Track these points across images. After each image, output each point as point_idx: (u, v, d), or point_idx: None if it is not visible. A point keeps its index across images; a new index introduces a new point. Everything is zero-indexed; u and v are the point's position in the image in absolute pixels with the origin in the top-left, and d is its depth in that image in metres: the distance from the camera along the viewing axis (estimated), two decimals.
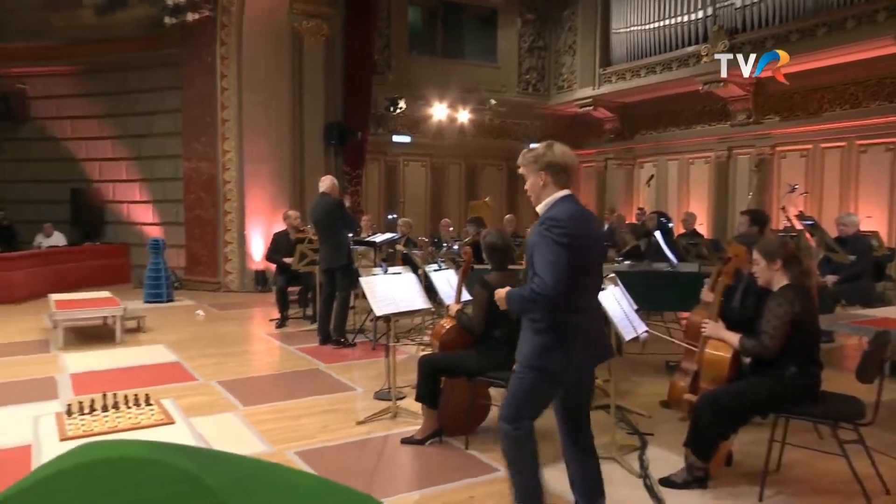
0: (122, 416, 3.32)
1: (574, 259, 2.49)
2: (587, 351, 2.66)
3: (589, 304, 2.71)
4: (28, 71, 11.91)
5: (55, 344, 6.78)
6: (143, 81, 11.39)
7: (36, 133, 12.26)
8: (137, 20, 10.91)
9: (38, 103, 12.14)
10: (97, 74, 11.63)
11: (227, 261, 10.92)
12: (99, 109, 11.88)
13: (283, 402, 4.92)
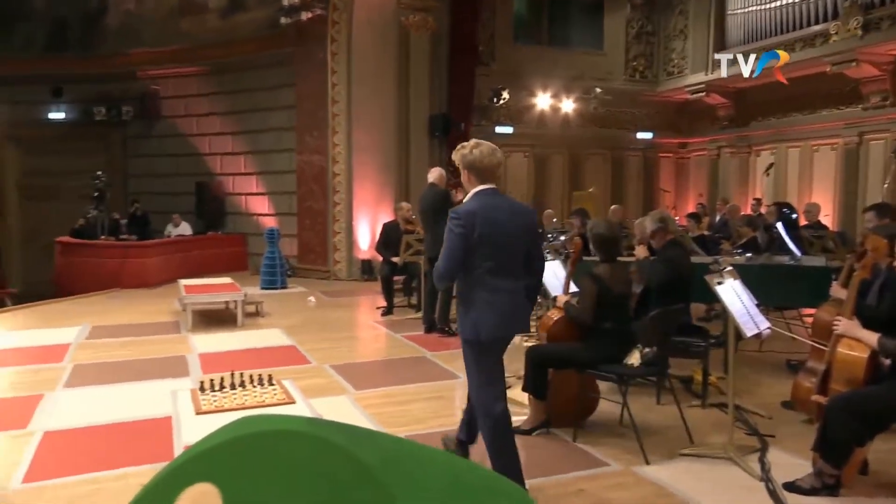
0: (248, 394, 3.56)
1: (471, 246, 2.88)
2: (501, 324, 2.96)
3: (499, 285, 2.94)
4: (161, 73, 12.88)
5: (185, 326, 7.30)
6: (261, 79, 12.01)
7: (167, 130, 13.24)
8: (256, 21, 11.51)
9: (168, 102, 13.11)
10: (220, 74, 12.39)
11: (335, 250, 11.34)
12: (221, 107, 12.65)
13: (391, 388, 5.06)
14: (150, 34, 12.66)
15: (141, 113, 13.04)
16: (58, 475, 3.42)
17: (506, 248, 2.96)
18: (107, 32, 13.03)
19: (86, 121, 13.08)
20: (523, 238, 3.03)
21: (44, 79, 13.01)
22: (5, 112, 13.27)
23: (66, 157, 13.49)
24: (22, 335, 7.06)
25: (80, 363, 5.75)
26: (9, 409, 4.53)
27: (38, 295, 10.50)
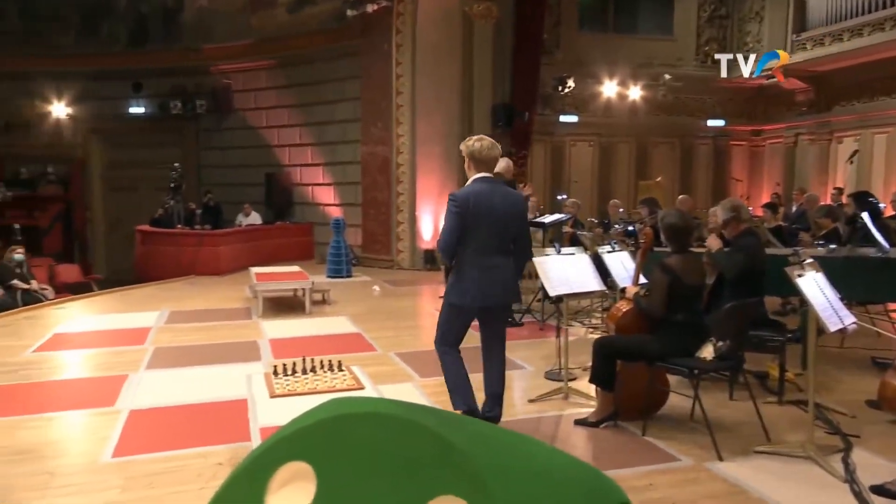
0: (319, 379, 3.65)
1: (464, 225, 3.39)
2: (479, 296, 3.45)
3: (484, 262, 3.45)
4: (232, 67, 13.30)
5: (256, 312, 7.54)
6: (327, 72, 12.23)
7: (238, 123, 13.67)
8: (323, 15, 11.72)
9: (239, 96, 13.53)
10: (288, 67, 12.70)
11: (399, 240, 11.47)
12: (289, 100, 12.96)
13: None
14: (222, 30, 13.08)
15: (213, 106, 13.50)
16: (143, 451, 3.60)
17: (494, 227, 3.44)
18: (182, 28, 13.55)
19: (163, 115, 13.66)
20: (511, 220, 3.50)
21: (125, 74, 13.66)
22: (91, 107, 14.00)
23: (145, 149, 14.15)
24: (106, 319, 7.45)
25: (160, 346, 6.03)
26: (97, 387, 4.80)
27: (120, 280, 11.08)
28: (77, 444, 3.77)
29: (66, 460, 3.52)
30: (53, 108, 13.80)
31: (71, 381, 5.21)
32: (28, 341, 6.22)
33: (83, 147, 14.45)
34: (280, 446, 0.90)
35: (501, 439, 0.87)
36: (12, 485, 3.21)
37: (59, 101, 13.79)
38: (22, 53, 13.49)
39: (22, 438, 3.81)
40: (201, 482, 3.23)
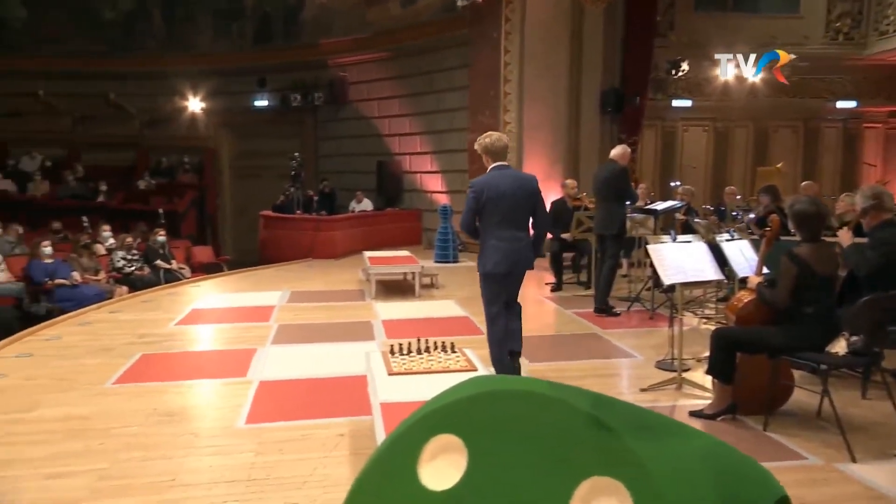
0: (434, 360, 3.71)
1: (482, 207, 4.01)
2: (501, 262, 4.03)
3: (503, 234, 4.02)
4: (348, 60, 13.73)
5: (369, 294, 7.79)
6: (437, 62, 12.34)
7: (352, 114, 14.11)
8: (434, 6, 11.81)
9: (354, 88, 13.95)
10: (399, 59, 12.93)
11: None
12: (400, 90, 13.20)
13: (564, 362, 5.03)
14: (339, 25, 13.52)
15: (330, 98, 14.01)
16: (272, 419, 3.83)
17: (507, 207, 4.01)
18: (303, 25, 14.13)
19: (284, 107, 14.33)
20: (522, 200, 4.06)
21: (251, 71, 14.45)
22: (221, 102, 14.94)
23: (268, 140, 14.92)
24: (236, 297, 7.95)
25: (283, 323, 6.37)
26: (230, 359, 5.15)
27: (246, 262, 11.78)
28: (215, 410, 4.06)
29: (207, 424, 3.81)
30: (189, 104, 14.84)
31: (207, 352, 5.63)
32: (171, 315, 6.76)
33: (214, 138, 15.45)
34: (432, 418, 0.92)
35: (662, 426, 0.84)
36: (164, 442, 3.52)
37: (195, 97, 14.80)
38: (164, 55, 14.60)
39: (169, 402, 4.16)
40: (325, 451, 3.39)
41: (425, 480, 0.88)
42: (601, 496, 0.75)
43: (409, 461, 0.90)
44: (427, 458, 0.90)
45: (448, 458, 0.88)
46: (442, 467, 0.88)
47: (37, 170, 14.04)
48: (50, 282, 7.44)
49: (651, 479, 0.71)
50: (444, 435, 0.90)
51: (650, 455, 0.72)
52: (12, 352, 5.24)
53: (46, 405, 4.02)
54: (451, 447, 0.89)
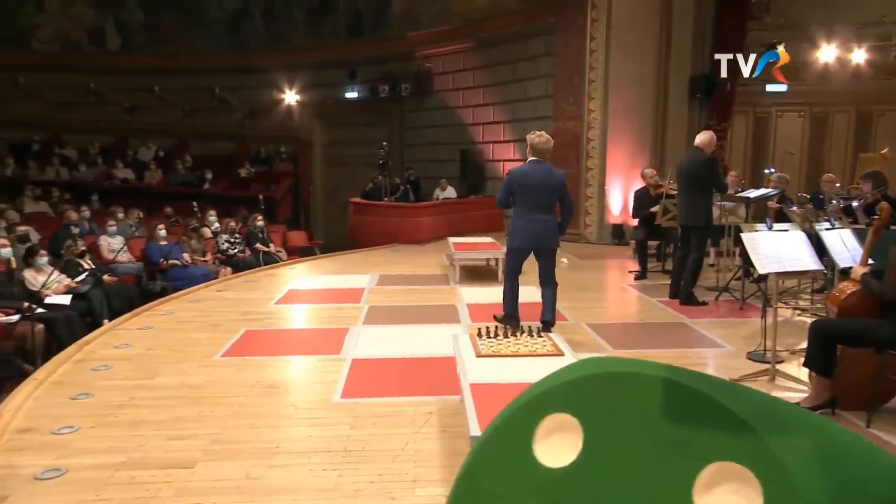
0: (521, 344, 3.70)
1: (514, 191, 4.87)
2: (526, 240, 4.95)
3: (529, 216, 4.88)
4: (433, 52, 13.81)
5: (453, 278, 7.84)
6: (522, 51, 12.19)
7: (436, 104, 14.19)
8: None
9: (439, 78, 14.02)
10: (485, 49, 12.88)
11: (586, 214, 11.22)
12: (484, 79, 13.16)
13: (650, 350, 4.88)
14: (426, 17, 13.60)
15: (416, 89, 14.14)
16: (365, 395, 3.94)
17: (534, 194, 4.84)
18: (392, 19, 14.32)
19: (372, 98, 14.60)
20: (549, 190, 4.87)
21: (343, 64, 14.80)
22: (316, 93, 15.40)
23: (356, 129, 15.29)
24: (328, 279, 8.21)
25: (373, 305, 6.52)
26: (325, 338, 5.34)
27: (336, 246, 12.13)
28: (312, 384, 4.23)
29: (305, 397, 3.97)
30: (286, 96, 15.38)
31: (304, 330, 5.86)
32: (270, 295, 7.07)
33: (308, 129, 15.96)
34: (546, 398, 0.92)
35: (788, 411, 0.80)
36: (268, 412, 3.70)
37: (291, 90, 15.33)
38: (264, 51, 15.19)
39: (271, 375, 4.37)
40: (415, 427, 3.46)
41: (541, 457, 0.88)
42: (727, 482, 0.72)
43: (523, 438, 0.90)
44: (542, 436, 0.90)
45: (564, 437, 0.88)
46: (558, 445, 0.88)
47: (151, 159, 15.00)
48: (164, 262, 7.95)
49: (781, 465, 0.68)
50: (558, 414, 0.90)
51: (789, 451, 0.68)
52: (135, 324, 5.65)
53: (165, 374, 4.32)
54: (566, 426, 0.88)
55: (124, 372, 4.35)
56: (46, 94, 15.55)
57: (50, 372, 4.27)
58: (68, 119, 15.79)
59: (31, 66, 15.35)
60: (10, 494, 2.74)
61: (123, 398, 3.84)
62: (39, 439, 3.28)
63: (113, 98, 15.87)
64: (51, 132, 15.63)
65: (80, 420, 3.50)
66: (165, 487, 2.80)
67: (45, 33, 15.51)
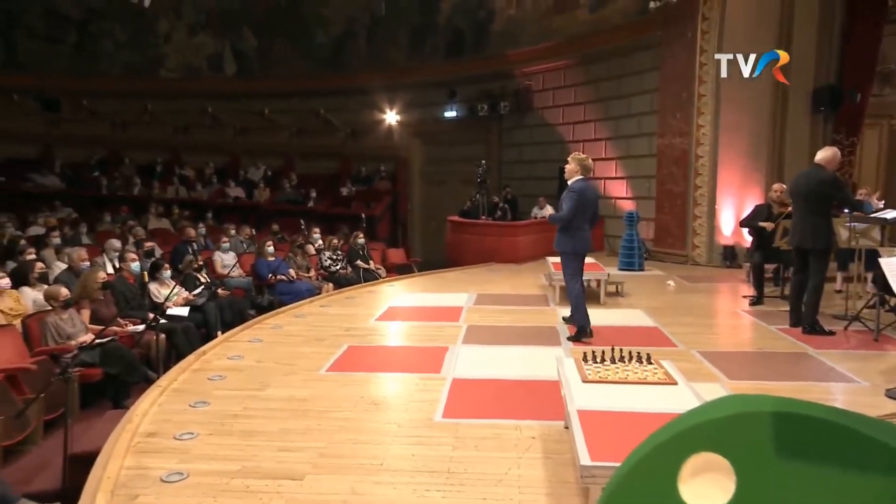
0: (629, 370, 3.59)
1: (576, 206, 5.64)
2: (581, 244, 5.83)
3: (583, 226, 5.81)
4: (534, 69, 13.84)
5: (552, 299, 7.74)
6: (625, 66, 11.97)
7: (536, 121, 14.18)
8: (624, 10, 11.49)
9: (539, 95, 14.01)
10: (587, 65, 12.76)
11: (695, 234, 10.76)
12: (586, 96, 13.01)
13: (771, 382, 4.59)
14: (527, 35, 13.68)
15: (515, 107, 14.19)
16: (466, 416, 3.95)
17: (588, 208, 5.79)
18: (492, 37, 14.50)
19: (471, 117, 14.79)
20: (595, 205, 5.92)
21: (442, 83, 15.13)
22: (415, 113, 15.83)
23: (454, 148, 15.54)
24: (426, 297, 8.34)
25: (471, 324, 6.55)
26: (425, 356, 5.41)
27: (434, 264, 12.32)
28: (414, 403, 4.28)
29: (407, 415, 4.03)
30: (386, 116, 15.90)
31: (404, 347, 5.97)
32: (371, 311, 7.27)
33: (407, 147, 16.40)
34: (693, 434, 0.88)
35: None
36: (372, 428, 3.79)
37: (391, 110, 15.83)
38: (366, 71, 15.82)
39: (374, 391, 4.48)
40: (518, 451, 3.43)
41: (689, 499, 0.84)
42: None
43: (668, 477, 0.87)
44: (688, 476, 0.87)
45: (713, 478, 0.84)
46: (707, 486, 0.84)
47: (261, 178, 15.94)
48: (272, 277, 8.39)
49: None
50: (706, 453, 0.86)
51: None
52: (246, 336, 5.99)
53: (274, 385, 4.53)
54: (716, 466, 0.84)
55: (237, 382, 4.61)
56: (169, 119, 16.95)
57: (172, 380, 4.60)
58: (187, 141, 17.12)
59: (158, 92, 16.81)
60: (139, 494, 2.97)
61: (237, 408, 4.06)
62: (164, 443, 3.53)
63: (227, 120, 17.05)
64: (172, 153, 17.00)
65: (199, 427, 3.74)
66: (277, 498, 2.93)
67: (171, 62, 16.96)
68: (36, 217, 11.42)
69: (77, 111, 16.65)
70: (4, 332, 5.01)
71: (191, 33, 16.75)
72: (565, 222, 5.71)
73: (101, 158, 16.65)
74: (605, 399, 3.22)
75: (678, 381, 3.45)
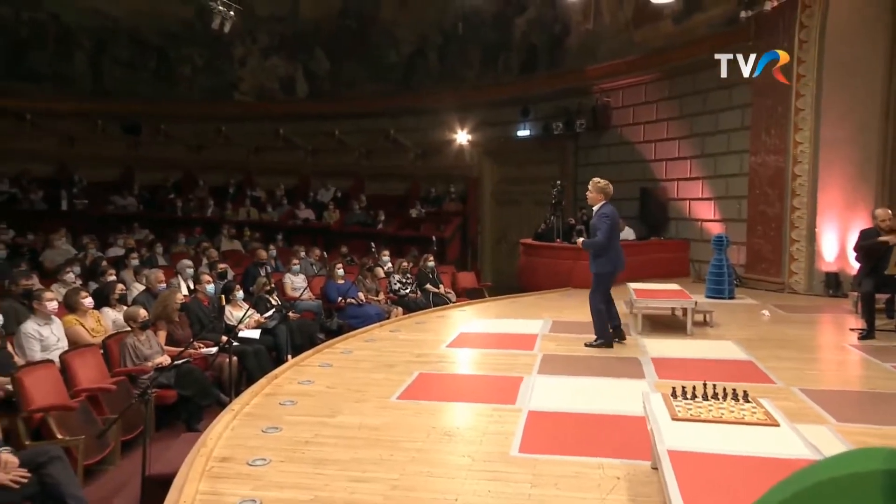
0: (724, 408, 3.43)
1: (610, 229, 6.40)
2: (620, 263, 6.59)
3: (616, 247, 6.55)
4: (612, 85, 13.67)
5: (634, 328, 7.52)
6: (712, 80, 11.62)
7: (614, 139, 13.97)
8: (711, 20, 11.22)
9: (617, 112, 13.82)
10: (670, 79, 12.51)
11: (792, 260, 10.27)
12: (669, 112, 12.73)
13: (888, 427, 4.28)
14: (605, 49, 13.56)
15: (592, 124, 14.03)
16: (545, 451, 3.88)
17: (617, 229, 6.64)
18: (568, 53, 14.45)
19: (545, 135, 14.73)
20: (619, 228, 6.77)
21: (515, 101, 15.17)
22: (486, 132, 15.93)
23: (528, 167, 15.52)
24: (498, 323, 8.29)
25: (547, 353, 6.45)
26: (499, 385, 5.36)
27: (505, 288, 12.25)
28: (488, 435, 4.24)
29: (482, 447, 3.99)
30: (457, 136, 16.07)
31: (477, 376, 5.95)
32: (441, 337, 7.30)
33: (477, 167, 16.49)
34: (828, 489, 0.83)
35: None
36: (445, 460, 3.78)
37: (462, 129, 15.99)
38: (437, 90, 16.09)
39: (446, 421, 4.47)
40: (601, 493, 3.33)
41: None
42: None
43: None
44: None
45: None
46: None
47: (330, 200, 16.40)
48: (342, 301, 8.57)
49: None
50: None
51: None
52: (316, 361, 6.12)
53: (345, 412, 4.60)
54: None
55: (308, 408, 4.71)
56: (242, 141, 17.76)
57: (244, 404, 4.75)
58: (259, 162, 17.87)
59: (232, 115, 17.67)
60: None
61: (308, 434, 4.14)
62: (237, 469, 3.64)
63: (298, 142, 17.69)
64: (245, 175, 17.77)
65: (271, 453, 3.83)
66: None
67: (245, 85, 17.81)
68: (115, 238, 12.14)
69: (155, 135, 17.72)
70: (88, 352, 5.32)
71: (264, 56, 17.55)
72: (604, 246, 6.39)
73: (176, 181, 17.59)
74: (698, 439, 3.09)
75: (780, 422, 3.27)
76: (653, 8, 11.90)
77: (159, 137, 17.72)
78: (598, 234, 6.39)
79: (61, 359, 5.05)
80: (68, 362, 5.01)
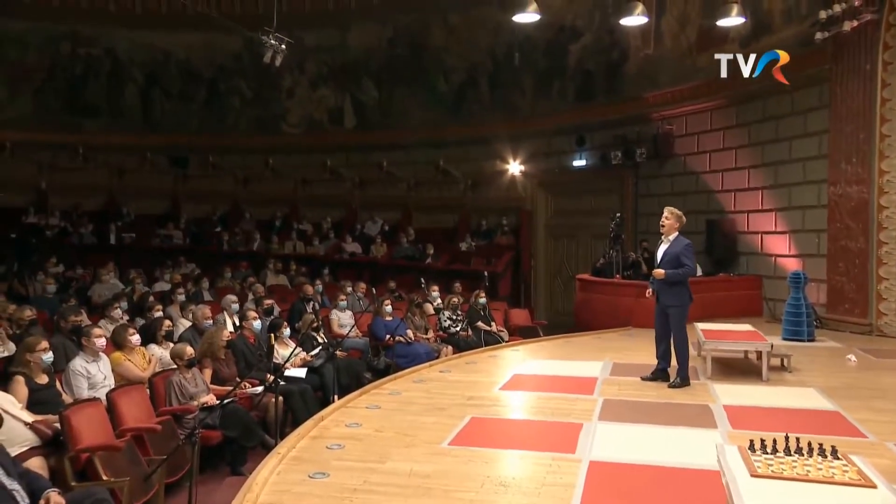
0: (810, 465, 3.27)
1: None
2: (691, 297, 6.92)
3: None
4: (675, 112, 13.53)
5: (703, 372, 7.30)
6: (784, 106, 11.43)
7: (677, 169, 13.77)
8: (783, 42, 10.99)
9: (680, 141, 13.64)
10: (738, 105, 12.31)
11: (881, 300, 9.85)
12: (737, 140, 12.50)
13: None
14: (665, 75, 13.46)
15: (653, 153, 13.87)
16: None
17: None
18: (625, 79, 14.40)
19: (603, 165, 14.62)
20: None
21: (570, 130, 15.17)
22: (539, 162, 15.94)
23: (585, 199, 15.41)
24: (555, 364, 8.17)
25: (608, 398, 6.31)
26: (557, 432, 5.27)
27: (560, 326, 12.10)
28: (546, 487, 4.14)
29: (539, 500, 3.91)
30: (509, 166, 16.13)
31: (532, 421, 5.86)
32: (494, 379, 7.23)
33: (531, 199, 16.47)
34: None
35: None
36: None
37: (515, 160, 16.04)
38: (489, 120, 16.23)
39: (500, 470, 4.40)
40: None
41: None
42: None
43: None
44: None
45: None
46: None
47: (377, 233, 16.60)
48: (391, 338, 8.60)
49: None
50: None
51: None
52: (364, 402, 6.14)
53: (395, 458, 4.58)
54: None
55: (356, 453, 4.71)
56: (289, 173, 18.23)
57: (290, 447, 4.78)
58: (306, 195, 18.28)
59: (279, 147, 18.19)
60: None
61: (357, 481, 4.13)
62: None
63: (345, 174, 18.06)
64: (291, 208, 18.19)
65: (318, 500, 3.84)
66: None
67: (293, 117, 18.36)
68: (162, 273, 12.54)
69: (203, 167, 18.38)
70: (134, 390, 5.48)
71: (312, 87, 18.08)
72: (691, 275, 6.80)
73: (223, 213, 18.14)
74: (781, 499, 2.96)
75: (877, 484, 3.09)
76: (718, 31, 11.80)
77: (207, 170, 18.37)
78: (685, 262, 6.64)
79: (108, 397, 5.21)
80: (115, 401, 5.15)
